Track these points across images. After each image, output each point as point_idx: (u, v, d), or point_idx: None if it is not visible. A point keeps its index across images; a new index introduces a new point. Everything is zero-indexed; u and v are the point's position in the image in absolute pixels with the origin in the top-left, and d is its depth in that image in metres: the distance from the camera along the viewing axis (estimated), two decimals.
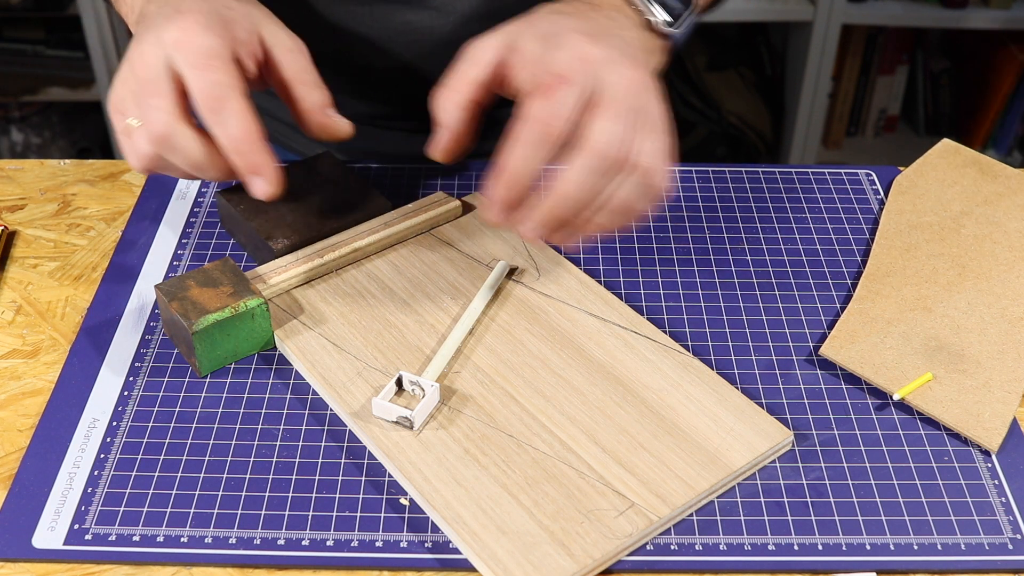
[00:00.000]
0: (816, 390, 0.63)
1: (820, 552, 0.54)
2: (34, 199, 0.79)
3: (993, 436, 0.60)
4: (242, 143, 0.63)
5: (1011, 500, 0.57)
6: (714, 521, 0.56)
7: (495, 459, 0.57)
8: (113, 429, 0.60)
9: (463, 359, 0.63)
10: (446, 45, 0.83)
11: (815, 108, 2.16)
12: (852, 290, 0.70)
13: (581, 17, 0.64)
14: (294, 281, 0.68)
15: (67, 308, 0.69)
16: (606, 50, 0.60)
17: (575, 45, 0.61)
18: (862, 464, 0.59)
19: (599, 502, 0.55)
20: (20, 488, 0.57)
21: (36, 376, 0.64)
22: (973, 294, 0.69)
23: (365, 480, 0.58)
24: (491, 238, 0.72)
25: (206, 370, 0.63)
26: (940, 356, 0.64)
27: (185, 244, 0.74)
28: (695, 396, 0.61)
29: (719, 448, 0.58)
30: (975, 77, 2.33)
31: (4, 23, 2.22)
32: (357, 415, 0.60)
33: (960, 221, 0.75)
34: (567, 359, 0.63)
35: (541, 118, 0.58)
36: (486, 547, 0.53)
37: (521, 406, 0.60)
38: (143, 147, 0.64)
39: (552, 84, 0.58)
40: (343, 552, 0.54)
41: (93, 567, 0.54)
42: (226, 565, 0.54)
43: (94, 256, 0.74)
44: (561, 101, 0.58)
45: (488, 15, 0.83)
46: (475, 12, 0.84)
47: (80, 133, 2.34)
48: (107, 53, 2.10)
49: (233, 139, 0.63)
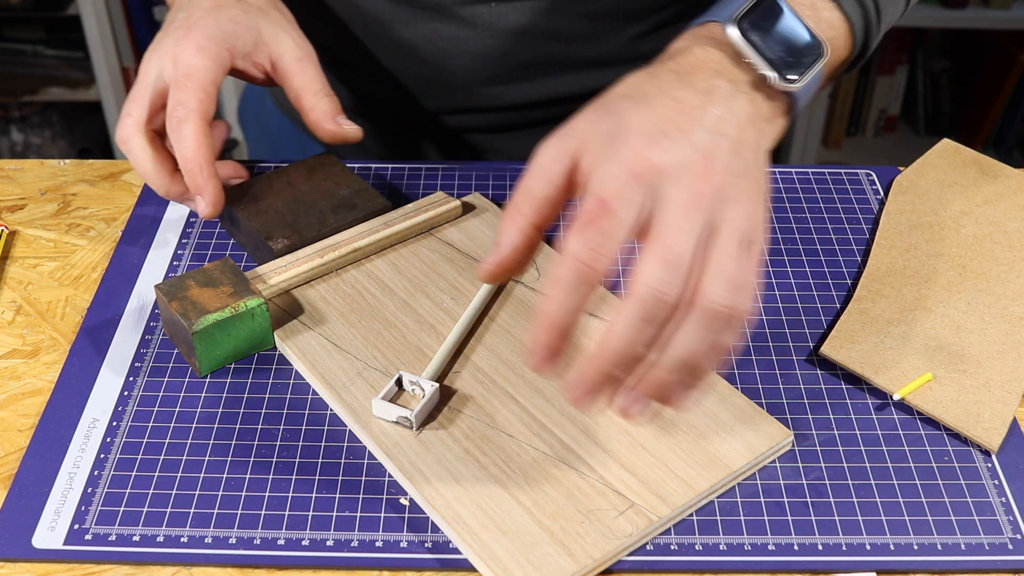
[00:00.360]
0: (816, 390, 0.63)
1: (820, 552, 0.54)
2: (34, 199, 0.79)
3: (993, 436, 0.60)
4: (190, 163, 0.69)
5: (1011, 500, 0.57)
6: (714, 521, 0.56)
7: (495, 459, 0.57)
8: (113, 429, 0.60)
9: (463, 359, 0.63)
10: (473, 57, 0.84)
11: (815, 108, 2.16)
12: (852, 290, 0.70)
13: (664, 95, 0.54)
14: (294, 281, 0.68)
15: (67, 308, 0.69)
16: (675, 153, 0.50)
17: (631, 151, 0.51)
18: (862, 464, 0.59)
19: (599, 502, 0.55)
20: (20, 488, 0.57)
21: (36, 376, 0.64)
22: (973, 294, 0.69)
23: (365, 480, 0.58)
24: (491, 238, 0.72)
25: (206, 370, 0.63)
26: (940, 356, 0.64)
27: (185, 244, 0.74)
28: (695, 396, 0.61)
29: (719, 448, 0.58)
30: (975, 77, 2.33)
31: (4, 23, 2.22)
32: (357, 415, 0.60)
33: (960, 221, 0.75)
34: (567, 359, 0.63)
35: (581, 257, 0.49)
36: (486, 547, 0.53)
37: (521, 406, 0.60)
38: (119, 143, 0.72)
39: (592, 212, 0.49)
40: (343, 552, 0.54)
41: (93, 567, 0.54)
42: (226, 565, 0.54)
43: (94, 256, 0.74)
44: (603, 233, 0.49)
45: (522, 31, 0.83)
46: (502, 27, 0.84)
47: (80, 133, 2.34)
48: (107, 53, 2.10)
49: (184, 159, 0.69)
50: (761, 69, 0.56)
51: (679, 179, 0.50)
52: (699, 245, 0.49)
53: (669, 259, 0.48)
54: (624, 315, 0.48)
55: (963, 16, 2.08)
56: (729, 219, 0.50)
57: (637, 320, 0.48)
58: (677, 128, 0.52)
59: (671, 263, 0.48)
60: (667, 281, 0.48)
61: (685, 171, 0.50)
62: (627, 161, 0.50)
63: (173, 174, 0.72)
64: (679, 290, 0.48)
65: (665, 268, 0.48)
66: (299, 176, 0.76)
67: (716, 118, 0.53)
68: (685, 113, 0.53)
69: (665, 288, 0.48)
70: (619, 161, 0.50)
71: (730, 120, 0.54)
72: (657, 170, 0.50)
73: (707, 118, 0.53)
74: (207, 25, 0.71)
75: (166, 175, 0.72)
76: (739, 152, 0.53)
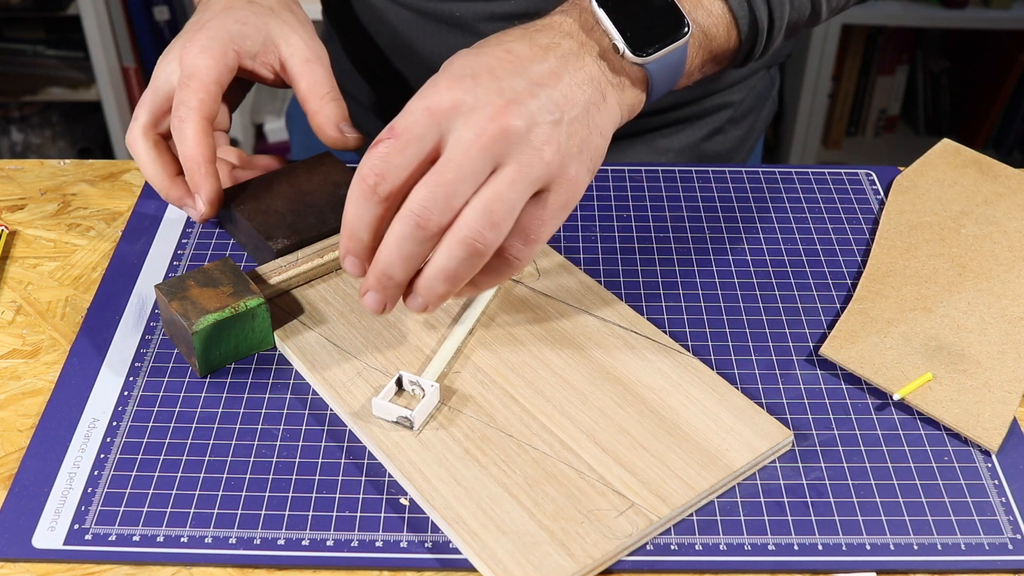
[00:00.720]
0: (816, 390, 0.63)
1: (820, 552, 0.54)
2: (34, 199, 0.79)
3: (993, 436, 0.60)
4: (188, 161, 0.70)
5: (1011, 500, 0.57)
6: (714, 521, 0.56)
7: (495, 459, 0.57)
8: (113, 429, 0.60)
9: (463, 359, 0.63)
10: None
11: (815, 108, 2.16)
12: (852, 290, 0.70)
13: (498, 46, 0.59)
14: (294, 281, 0.68)
15: (67, 308, 0.70)
16: (474, 94, 0.55)
17: (432, 90, 0.56)
18: (862, 464, 0.59)
19: (599, 502, 0.55)
20: (20, 488, 0.57)
21: (36, 376, 0.64)
22: (973, 294, 0.69)
23: (365, 480, 0.58)
24: None
25: (206, 370, 0.63)
26: (940, 356, 0.64)
27: (185, 244, 0.74)
28: (695, 396, 0.61)
29: (719, 448, 0.58)
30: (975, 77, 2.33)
31: (4, 23, 2.22)
32: (357, 415, 0.60)
33: (960, 221, 0.75)
34: (567, 359, 0.63)
35: (363, 175, 0.56)
36: (486, 547, 0.53)
37: (521, 406, 0.60)
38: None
39: (380, 138, 0.56)
40: (343, 552, 0.54)
41: (93, 567, 0.54)
42: (226, 565, 0.54)
43: (94, 256, 0.74)
44: (383, 157, 0.55)
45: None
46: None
47: (80, 133, 2.34)
48: (107, 53, 2.10)
49: (183, 157, 0.70)
50: (613, 38, 0.59)
51: (469, 117, 0.55)
52: (472, 179, 0.54)
53: (435, 188, 0.54)
54: (391, 231, 0.55)
55: (963, 16, 2.09)
56: (518, 162, 0.55)
57: (399, 237, 0.55)
58: (491, 74, 0.56)
59: (435, 191, 0.54)
60: (427, 207, 0.54)
61: (478, 111, 0.55)
62: (426, 99, 0.56)
63: (174, 177, 0.73)
64: (439, 216, 0.54)
65: (428, 195, 0.54)
66: (299, 175, 0.76)
67: (545, 72, 0.58)
68: (509, 62, 0.57)
69: (424, 213, 0.54)
70: (421, 98, 0.56)
71: (563, 76, 0.58)
72: (450, 108, 0.55)
73: (533, 70, 0.57)
74: (214, 26, 0.72)
75: (167, 178, 0.72)
76: (560, 106, 0.57)
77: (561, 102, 0.57)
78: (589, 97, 0.58)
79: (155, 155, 0.72)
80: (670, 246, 0.74)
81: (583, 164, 0.58)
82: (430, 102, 0.55)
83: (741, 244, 0.74)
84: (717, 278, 0.71)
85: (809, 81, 2.11)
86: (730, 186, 0.80)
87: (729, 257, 0.73)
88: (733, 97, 0.95)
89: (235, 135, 2.23)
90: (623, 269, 0.72)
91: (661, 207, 0.78)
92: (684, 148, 0.94)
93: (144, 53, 2.19)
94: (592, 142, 0.59)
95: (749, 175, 0.81)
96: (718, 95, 0.93)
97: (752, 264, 0.73)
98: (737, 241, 0.75)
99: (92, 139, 2.34)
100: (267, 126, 2.35)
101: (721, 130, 0.96)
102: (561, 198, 0.58)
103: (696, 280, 0.71)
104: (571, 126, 0.57)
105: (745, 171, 0.82)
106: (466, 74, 0.56)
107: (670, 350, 0.64)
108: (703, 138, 0.95)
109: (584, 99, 0.58)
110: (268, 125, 2.34)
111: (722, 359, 0.65)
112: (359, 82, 0.98)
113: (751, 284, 0.71)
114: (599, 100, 0.59)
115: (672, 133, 0.93)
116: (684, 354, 0.63)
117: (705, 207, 0.78)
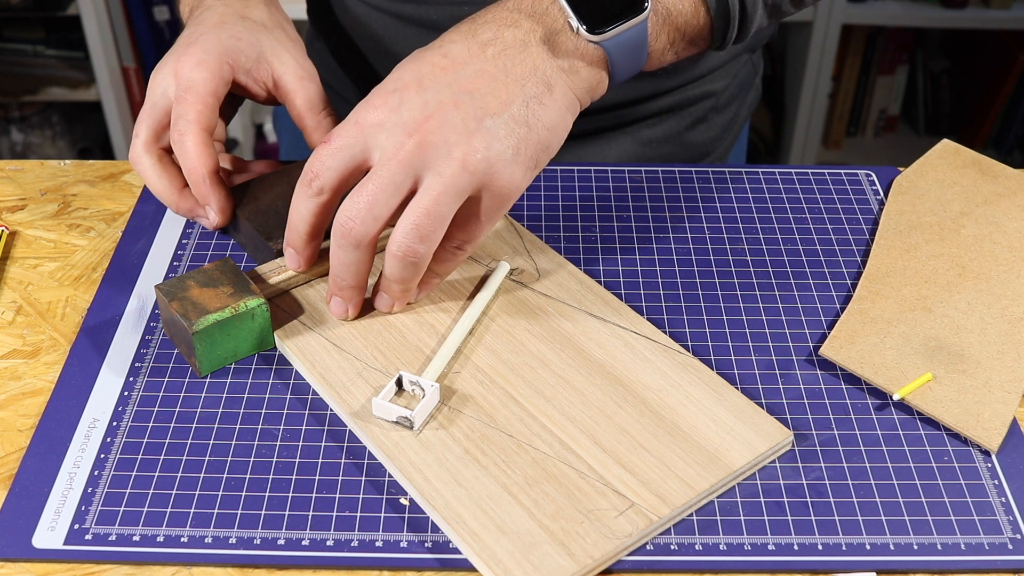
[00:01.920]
0: (816, 390, 0.63)
1: (820, 552, 0.54)
2: (34, 199, 0.79)
3: (993, 436, 0.60)
4: (193, 174, 0.70)
5: (1011, 500, 0.57)
6: (714, 521, 0.56)
7: (495, 459, 0.57)
8: (113, 429, 0.60)
9: (463, 359, 0.63)
10: None
11: (815, 108, 2.16)
12: (852, 290, 0.70)
13: (436, 50, 0.61)
14: (294, 281, 0.68)
15: (67, 308, 0.70)
16: (397, 111, 0.59)
17: (364, 104, 0.60)
18: (862, 464, 0.59)
19: (599, 502, 0.55)
20: (20, 488, 0.57)
21: (36, 376, 0.65)
22: (973, 294, 0.69)
23: (365, 480, 0.58)
24: (491, 238, 0.72)
25: (206, 370, 0.63)
26: (940, 356, 0.64)
27: (185, 244, 0.74)
28: (695, 396, 0.61)
29: (719, 448, 0.58)
30: (975, 77, 2.33)
31: (4, 23, 2.22)
32: (357, 415, 0.60)
33: (960, 221, 0.75)
34: (567, 359, 0.63)
35: (303, 169, 0.62)
36: (486, 547, 0.53)
37: (521, 406, 0.60)
38: None
39: (320, 144, 0.61)
40: (343, 552, 0.54)
41: (93, 567, 0.54)
42: (226, 565, 0.54)
43: (94, 256, 0.74)
44: (320, 159, 0.60)
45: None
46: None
47: (80, 133, 2.34)
48: (107, 53, 2.10)
49: (187, 170, 0.70)
50: (568, 16, 0.60)
51: (391, 133, 0.59)
52: (393, 190, 0.59)
53: (356, 200, 0.59)
54: (332, 246, 0.61)
55: (963, 16, 2.09)
56: (440, 174, 0.58)
57: (334, 246, 0.61)
58: (419, 86, 0.60)
59: (357, 203, 0.59)
60: (350, 218, 0.59)
61: (399, 128, 0.59)
62: (358, 112, 0.60)
63: (182, 190, 0.73)
64: (361, 226, 0.59)
65: (351, 206, 0.59)
66: (298, 176, 0.76)
67: (475, 74, 0.60)
68: (441, 68, 0.60)
69: (347, 224, 0.59)
70: (356, 109, 0.60)
71: (497, 76, 0.60)
72: (375, 123, 0.59)
73: (464, 75, 0.60)
74: (208, 40, 0.72)
75: (175, 191, 0.73)
76: (487, 110, 0.59)
77: (490, 106, 0.59)
78: (530, 92, 0.60)
79: (160, 170, 0.72)
80: (670, 246, 0.74)
81: (519, 165, 0.60)
82: (360, 116, 0.60)
83: (741, 244, 0.74)
84: (717, 278, 0.71)
85: (809, 81, 2.11)
86: (730, 186, 0.80)
87: (729, 257, 0.73)
88: (715, 86, 0.95)
89: (236, 135, 2.23)
90: (623, 269, 0.72)
91: (661, 207, 0.78)
92: (668, 138, 0.94)
93: (144, 53, 2.19)
94: (532, 138, 0.60)
95: (749, 175, 0.81)
96: (699, 83, 0.93)
97: (752, 264, 0.73)
98: (737, 241, 0.75)
99: (92, 139, 2.34)
100: (267, 126, 2.35)
101: (704, 119, 0.96)
102: (495, 200, 0.60)
103: (696, 280, 0.71)
104: (502, 128, 0.59)
105: (745, 171, 0.82)
106: (396, 88, 0.60)
107: (670, 350, 0.64)
108: (687, 127, 0.95)
109: (522, 95, 0.60)
110: (268, 125, 2.35)
111: (722, 359, 0.65)
112: (344, 80, 0.98)
113: (751, 284, 0.71)
114: (542, 92, 0.60)
115: (655, 123, 0.93)
116: (684, 354, 0.63)
117: (705, 207, 0.78)
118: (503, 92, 0.59)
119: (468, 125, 0.58)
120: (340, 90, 0.99)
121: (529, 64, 0.60)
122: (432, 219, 0.59)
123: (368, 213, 0.59)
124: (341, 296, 0.64)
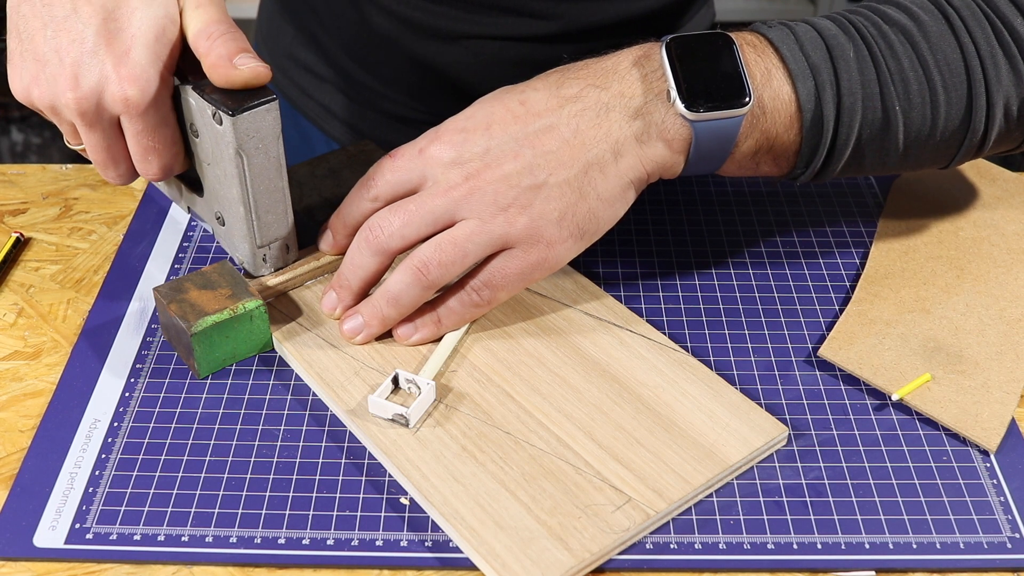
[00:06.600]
0: (815, 391, 0.63)
1: (819, 551, 0.54)
2: (36, 203, 0.80)
3: (991, 436, 0.60)
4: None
5: (1009, 499, 0.57)
6: (713, 520, 0.56)
7: (492, 456, 0.57)
8: (114, 429, 0.61)
9: (459, 358, 0.63)
10: (480, 78, 0.84)
11: None
12: (851, 291, 0.71)
13: (516, 95, 0.61)
14: (291, 283, 0.68)
15: (69, 311, 0.70)
16: (458, 149, 0.60)
17: (432, 134, 0.61)
18: (861, 464, 0.59)
19: (596, 497, 0.55)
20: (21, 488, 0.57)
21: (38, 377, 0.65)
22: (971, 296, 0.69)
23: (365, 480, 0.58)
24: None
25: (205, 372, 0.64)
26: (938, 357, 0.64)
27: (186, 247, 0.74)
28: (690, 392, 0.61)
29: (715, 443, 0.58)
30: None
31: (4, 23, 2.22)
32: (354, 413, 0.60)
33: (958, 224, 0.76)
34: (563, 357, 0.63)
35: (362, 181, 0.64)
36: (484, 543, 0.53)
37: (518, 403, 0.60)
38: None
39: (389, 154, 0.63)
40: (343, 551, 0.54)
41: (94, 566, 0.54)
42: (227, 564, 0.54)
43: (96, 259, 0.74)
44: (380, 174, 0.62)
45: (529, 65, 0.83)
46: (507, 59, 0.84)
47: None
48: None
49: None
50: (669, 85, 0.58)
51: (447, 170, 0.60)
52: (431, 218, 0.60)
53: (394, 211, 0.60)
54: (352, 245, 0.63)
55: None
56: (480, 218, 0.59)
57: (354, 244, 0.62)
58: (487, 131, 0.60)
59: (393, 215, 0.60)
60: (380, 226, 0.61)
61: (456, 168, 0.60)
62: (425, 140, 0.61)
63: None
64: (387, 238, 0.61)
65: (386, 215, 0.61)
66: (301, 176, 0.76)
67: (543, 130, 0.59)
68: (514, 116, 0.60)
69: (375, 230, 0.61)
70: (425, 136, 0.62)
71: (565, 136, 0.59)
72: (436, 157, 0.60)
73: (533, 127, 0.60)
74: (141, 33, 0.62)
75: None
76: (545, 168, 0.59)
77: (548, 165, 0.59)
78: (592, 158, 0.59)
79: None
80: (669, 248, 0.74)
81: (563, 229, 0.59)
82: (426, 145, 0.61)
83: (741, 244, 0.75)
84: (716, 279, 0.72)
85: None
86: (729, 187, 0.80)
87: (728, 258, 0.73)
88: None
89: None
90: (623, 271, 0.72)
91: (660, 207, 0.78)
92: None
93: None
94: (582, 206, 0.59)
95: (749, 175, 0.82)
96: None
97: (751, 265, 0.73)
98: (736, 242, 0.75)
99: None
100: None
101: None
102: (531, 259, 0.60)
103: (695, 280, 0.71)
104: (554, 190, 0.59)
105: None
106: (465, 127, 0.60)
107: (665, 347, 0.64)
108: None
109: (584, 159, 0.59)
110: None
111: (721, 360, 0.65)
112: (353, 72, 0.95)
113: (750, 285, 0.71)
114: (607, 160, 0.59)
115: None
116: (679, 351, 0.64)
117: (705, 207, 0.78)
118: (566, 154, 0.59)
119: (522, 180, 0.59)
120: (308, 63, 0.94)
121: (603, 129, 0.59)
122: (456, 249, 0.59)
123: (399, 229, 0.60)
124: (338, 294, 0.64)
